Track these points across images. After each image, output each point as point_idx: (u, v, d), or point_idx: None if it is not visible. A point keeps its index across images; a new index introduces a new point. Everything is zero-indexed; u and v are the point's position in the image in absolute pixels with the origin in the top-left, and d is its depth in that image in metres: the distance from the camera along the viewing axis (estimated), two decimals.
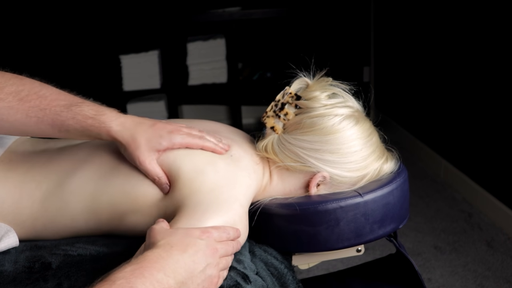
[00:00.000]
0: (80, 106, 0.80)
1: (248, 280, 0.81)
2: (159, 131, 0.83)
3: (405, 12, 2.93)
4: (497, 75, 2.07)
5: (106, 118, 0.80)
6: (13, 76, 0.82)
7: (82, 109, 0.80)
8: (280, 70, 3.21)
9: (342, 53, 3.39)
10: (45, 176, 0.88)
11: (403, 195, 0.95)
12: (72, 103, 0.80)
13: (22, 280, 0.80)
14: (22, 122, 0.80)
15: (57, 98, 0.80)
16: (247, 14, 2.99)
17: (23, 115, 0.79)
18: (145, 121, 0.84)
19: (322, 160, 0.90)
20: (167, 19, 3.08)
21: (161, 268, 0.66)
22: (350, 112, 0.93)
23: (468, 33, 2.26)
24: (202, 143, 0.86)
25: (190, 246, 0.71)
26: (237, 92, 3.18)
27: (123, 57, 2.99)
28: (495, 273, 1.84)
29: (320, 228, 0.89)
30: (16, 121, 0.80)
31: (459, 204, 2.33)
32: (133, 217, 0.86)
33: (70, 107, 0.80)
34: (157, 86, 3.06)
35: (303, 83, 0.96)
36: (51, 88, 0.83)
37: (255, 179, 0.89)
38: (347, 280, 1.17)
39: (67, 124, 0.80)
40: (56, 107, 0.79)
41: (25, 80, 0.82)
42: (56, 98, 0.80)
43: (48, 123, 0.80)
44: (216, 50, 3.10)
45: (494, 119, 2.12)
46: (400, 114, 3.10)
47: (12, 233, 0.86)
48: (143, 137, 0.81)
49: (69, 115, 0.79)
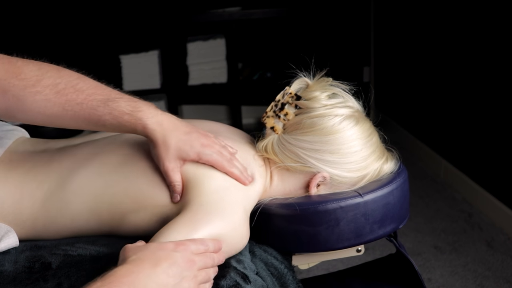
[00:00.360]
0: (117, 101, 0.79)
1: (248, 280, 0.81)
2: (192, 141, 0.81)
3: (405, 12, 2.93)
4: (497, 75, 2.07)
5: (143, 115, 0.79)
6: (51, 68, 0.81)
7: (119, 104, 0.79)
8: (280, 70, 3.21)
9: (342, 53, 3.39)
10: (47, 176, 0.88)
11: (403, 195, 0.95)
12: (109, 98, 0.80)
13: (22, 280, 0.80)
14: (59, 116, 0.80)
15: (94, 93, 0.80)
16: (247, 14, 2.99)
17: (59, 108, 0.79)
18: (182, 126, 0.83)
19: (322, 161, 0.90)
20: (167, 19, 3.08)
21: (130, 283, 0.63)
22: (350, 112, 0.93)
23: (468, 33, 2.26)
24: (229, 168, 0.83)
25: (163, 259, 0.68)
26: (237, 92, 3.18)
27: (123, 57, 2.99)
28: (495, 273, 1.84)
29: (320, 228, 0.89)
30: (52, 115, 0.79)
31: (459, 204, 2.33)
32: (134, 217, 0.86)
33: (106, 102, 0.79)
34: (157, 86, 3.06)
35: (303, 83, 0.96)
36: (88, 80, 0.82)
37: (261, 183, 0.90)
38: (347, 280, 1.17)
39: (104, 119, 0.79)
40: (93, 102, 0.79)
41: (63, 72, 0.81)
42: (93, 93, 0.80)
43: (85, 118, 0.80)
44: (216, 50, 3.10)
45: (494, 119, 2.12)
46: (400, 114, 3.10)
47: (12, 233, 0.86)
48: (174, 143, 0.80)
49: (106, 111, 0.79)
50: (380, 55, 3.32)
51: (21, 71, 0.78)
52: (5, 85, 0.77)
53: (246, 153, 0.92)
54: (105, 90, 0.81)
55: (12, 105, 0.79)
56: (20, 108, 0.79)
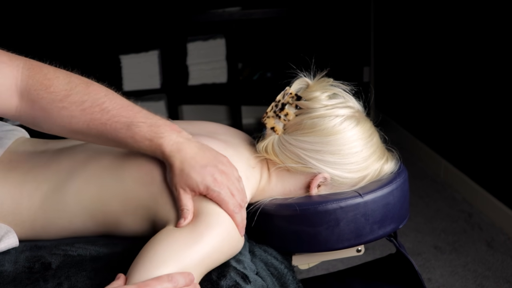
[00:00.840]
0: (139, 126, 0.79)
1: (247, 280, 0.81)
2: (207, 176, 0.79)
3: (405, 12, 2.93)
4: (497, 75, 2.07)
5: (164, 141, 0.79)
6: (80, 82, 0.82)
7: (141, 129, 0.79)
8: (280, 70, 3.21)
9: (342, 53, 3.39)
10: (46, 177, 0.88)
11: (403, 195, 0.95)
12: (132, 122, 0.79)
13: (22, 280, 0.80)
14: (83, 133, 0.81)
15: (118, 114, 0.80)
16: (247, 14, 2.99)
17: (84, 125, 0.80)
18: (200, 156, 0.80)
19: (323, 161, 0.90)
20: (167, 19, 3.08)
21: None
22: (351, 113, 0.93)
23: (468, 33, 2.26)
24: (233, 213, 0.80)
25: None
26: (237, 92, 3.18)
27: (123, 57, 2.99)
28: (495, 273, 1.84)
29: (320, 229, 0.89)
30: (77, 131, 0.81)
31: (459, 204, 2.33)
32: (126, 219, 0.86)
33: (130, 126, 0.79)
34: (157, 86, 3.06)
35: (303, 83, 0.96)
36: (115, 99, 0.82)
37: (249, 186, 0.89)
38: (347, 280, 1.17)
39: (125, 142, 0.80)
40: (117, 124, 0.79)
41: (92, 88, 0.82)
42: (117, 114, 0.80)
43: (107, 138, 0.81)
44: (216, 50, 3.10)
45: (494, 119, 2.11)
46: (400, 114, 3.10)
47: (12, 234, 0.86)
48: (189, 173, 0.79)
49: (128, 134, 0.79)
50: (380, 55, 3.32)
51: (51, 84, 0.79)
52: (35, 96, 0.79)
53: (240, 157, 0.92)
54: (131, 112, 0.81)
55: (39, 116, 0.80)
56: (47, 120, 0.81)
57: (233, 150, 0.91)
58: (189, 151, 0.80)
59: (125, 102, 0.82)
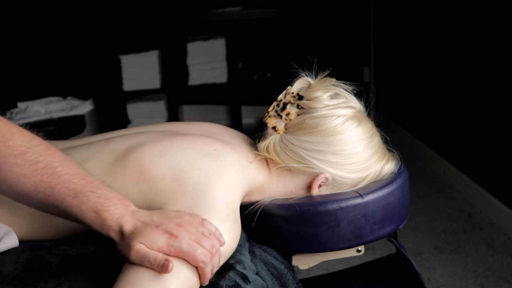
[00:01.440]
0: (88, 195, 0.74)
1: (247, 280, 0.81)
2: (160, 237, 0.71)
3: (405, 12, 2.93)
4: (496, 75, 2.07)
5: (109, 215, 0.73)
6: (41, 144, 0.78)
7: (89, 199, 0.73)
8: (280, 70, 3.21)
9: (342, 53, 3.39)
10: None
11: (403, 196, 0.95)
12: (82, 190, 0.74)
13: (22, 280, 0.80)
14: (30, 195, 0.76)
15: (69, 180, 0.75)
16: (247, 14, 2.99)
17: (32, 187, 0.75)
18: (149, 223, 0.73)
19: (325, 161, 0.90)
20: (167, 19, 3.09)
21: None
22: (353, 113, 0.93)
23: (468, 33, 2.26)
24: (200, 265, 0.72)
25: None
26: (237, 92, 3.18)
27: (123, 57, 2.99)
28: (495, 273, 1.84)
29: (320, 229, 0.89)
30: (24, 191, 0.75)
31: (459, 204, 2.33)
32: None
33: (78, 194, 0.74)
34: (157, 86, 3.07)
35: (305, 82, 0.95)
36: (71, 166, 0.77)
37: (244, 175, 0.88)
38: (347, 280, 1.17)
39: (71, 211, 0.74)
40: (65, 190, 0.74)
41: (50, 151, 0.77)
42: (68, 180, 0.75)
43: (53, 205, 0.75)
44: (216, 50, 3.10)
45: (494, 119, 2.12)
46: (400, 114, 3.10)
47: (12, 234, 0.86)
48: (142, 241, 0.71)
49: (74, 203, 0.74)
50: (380, 55, 3.32)
51: (13, 138, 0.75)
52: None
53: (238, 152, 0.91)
54: (83, 180, 0.75)
55: None
56: None
57: (231, 148, 0.91)
58: (136, 222, 0.73)
59: (81, 171, 0.77)
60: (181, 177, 0.82)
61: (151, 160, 0.84)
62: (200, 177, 0.82)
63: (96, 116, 3.32)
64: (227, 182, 0.84)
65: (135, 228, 0.72)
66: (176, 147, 0.87)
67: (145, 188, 0.83)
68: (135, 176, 0.84)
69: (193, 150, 0.86)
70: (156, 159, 0.84)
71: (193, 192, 0.80)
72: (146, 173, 0.83)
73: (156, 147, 0.87)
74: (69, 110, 2.42)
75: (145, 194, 0.83)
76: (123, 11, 3.06)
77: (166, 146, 0.87)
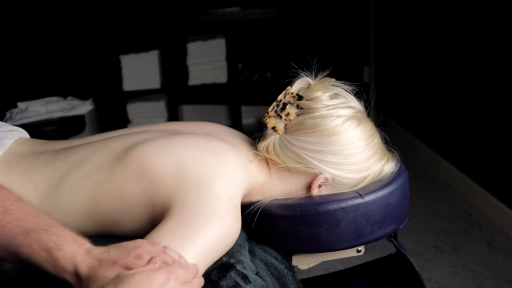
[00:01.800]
0: (40, 233, 0.69)
1: (247, 280, 0.81)
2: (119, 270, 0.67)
3: (405, 12, 2.93)
4: (496, 75, 2.07)
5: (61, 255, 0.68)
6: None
7: (40, 237, 0.68)
8: (280, 70, 3.21)
9: (342, 53, 3.39)
10: (43, 177, 0.88)
11: (403, 196, 0.95)
12: (34, 228, 0.69)
13: (22, 280, 0.80)
14: None
15: (21, 219, 0.71)
16: (247, 14, 2.99)
17: None
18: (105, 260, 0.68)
19: (324, 162, 0.90)
20: (167, 19, 3.09)
21: None
22: (353, 113, 0.93)
23: (468, 33, 2.26)
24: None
25: None
26: (237, 92, 3.18)
27: (123, 57, 2.99)
28: (495, 273, 1.84)
29: (320, 229, 0.89)
30: None
31: (459, 204, 2.33)
32: (123, 219, 0.86)
33: (29, 233, 0.69)
34: (157, 86, 3.07)
35: (304, 83, 0.95)
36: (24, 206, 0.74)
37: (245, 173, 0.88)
38: (347, 280, 1.17)
39: (21, 251, 0.69)
40: (16, 228, 0.69)
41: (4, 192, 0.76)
42: (20, 218, 0.71)
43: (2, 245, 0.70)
44: (216, 50, 3.10)
45: (494, 119, 2.12)
46: (400, 114, 3.10)
47: None
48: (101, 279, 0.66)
49: (25, 242, 0.69)
50: (380, 55, 3.32)
51: None
52: None
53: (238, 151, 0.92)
54: (36, 219, 0.71)
55: None
56: None
57: (232, 147, 0.91)
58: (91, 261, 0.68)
59: (34, 211, 0.73)
60: (183, 173, 0.82)
61: (152, 157, 0.84)
62: (202, 172, 0.82)
63: (96, 116, 3.32)
64: (230, 177, 0.84)
65: (90, 269, 0.67)
66: (176, 144, 0.87)
67: (147, 186, 0.83)
68: (135, 175, 0.84)
69: (194, 147, 0.86)
70: (157, 156, 0.84)
71: (195, 187, 0.80)
72: (147, 170, 0.84)
73: (156, 145, 0.87)
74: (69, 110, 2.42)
75: (147, 191, 0.83)
76: (123, 11, 3.06)
77: (167, 144, 0.87)
